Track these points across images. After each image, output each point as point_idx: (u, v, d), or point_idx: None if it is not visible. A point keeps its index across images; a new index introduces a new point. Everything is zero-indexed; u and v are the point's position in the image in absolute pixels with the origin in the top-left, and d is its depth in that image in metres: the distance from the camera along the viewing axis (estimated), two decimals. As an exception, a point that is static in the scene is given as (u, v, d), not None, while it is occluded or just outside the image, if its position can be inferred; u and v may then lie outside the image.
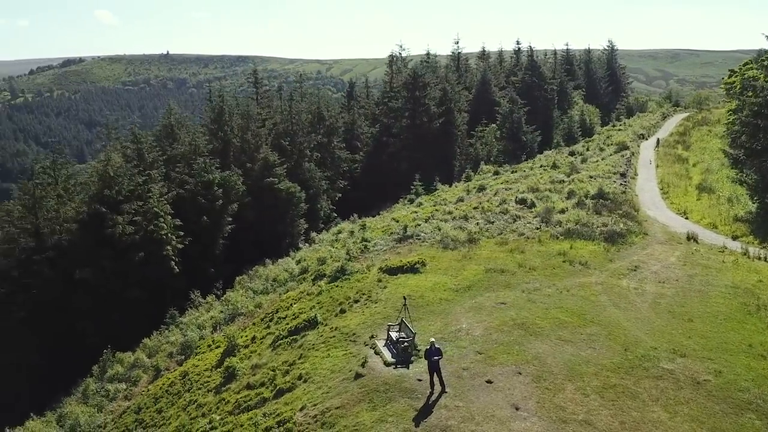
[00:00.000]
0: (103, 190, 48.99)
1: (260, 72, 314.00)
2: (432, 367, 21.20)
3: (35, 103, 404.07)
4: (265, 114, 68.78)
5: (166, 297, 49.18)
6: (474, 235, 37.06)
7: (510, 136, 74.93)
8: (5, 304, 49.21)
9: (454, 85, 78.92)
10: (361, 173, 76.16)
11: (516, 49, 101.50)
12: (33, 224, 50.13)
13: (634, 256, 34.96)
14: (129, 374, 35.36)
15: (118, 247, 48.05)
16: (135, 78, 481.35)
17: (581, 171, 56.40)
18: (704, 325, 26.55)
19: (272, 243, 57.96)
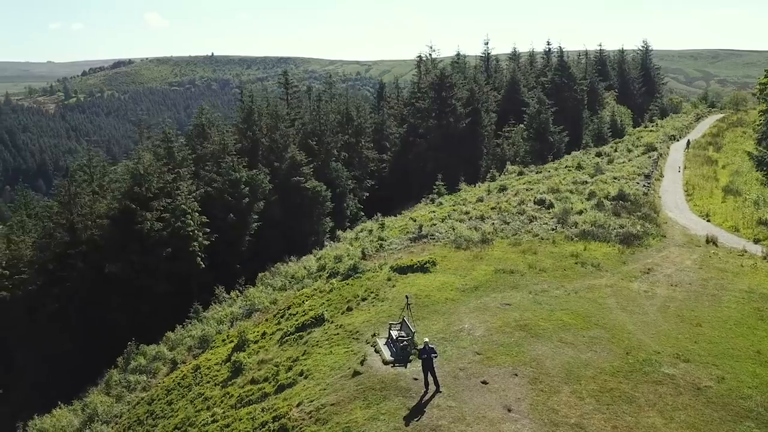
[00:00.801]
0: (134, 187, 49.93)
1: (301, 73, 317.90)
2: (426, 367, 20.99)
3: (87, 103, 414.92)
4: (294, 114, 69.20)
5: (193, 291, 49.91)
6: (487, 236, 36.61)
7: (537, 137, 73.87)
8: (41, 296, 50.61)
9: (483, 86, 78.20)
10: (389, 173, 76.08)
11: (546, 50, 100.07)
12: (68, 220, 51.40)
13: (648, 259, 34.09)
14: (150, 366, 35.87)
15: (146, 242, 48.95)
16: (181, 79, 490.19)
17: (606, 172, 55.37)
18: (713, 330, 25.71)
19: (298, 240, 58.29)
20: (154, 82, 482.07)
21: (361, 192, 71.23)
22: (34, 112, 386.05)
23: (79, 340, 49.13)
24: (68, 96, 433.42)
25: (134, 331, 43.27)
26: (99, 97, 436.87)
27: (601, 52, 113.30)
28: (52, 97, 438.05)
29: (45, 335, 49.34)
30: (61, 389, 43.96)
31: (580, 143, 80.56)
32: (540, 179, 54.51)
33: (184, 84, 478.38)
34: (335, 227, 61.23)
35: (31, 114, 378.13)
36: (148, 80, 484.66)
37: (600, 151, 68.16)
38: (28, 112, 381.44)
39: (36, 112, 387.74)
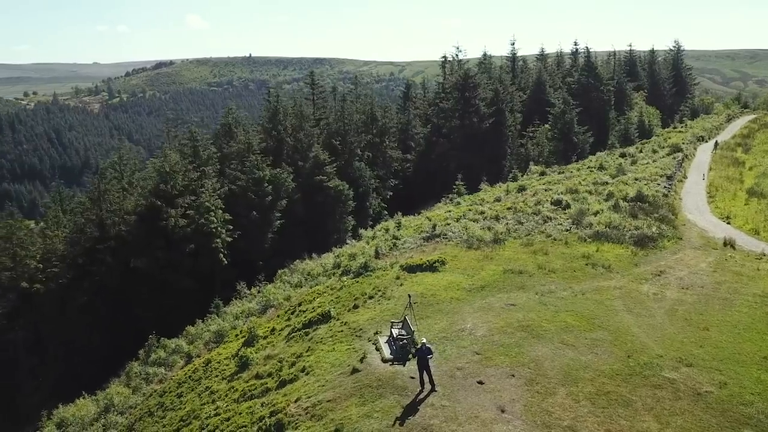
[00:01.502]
0: (160, 185, 50.72)
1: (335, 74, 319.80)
2: (421, 366, 20.83)
3: (129, 103, 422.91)
4: (319, 114, 69.48)
5: (216, 287, 50.51)
6: (500, 236, 36.20)
7: (561, 137, 72.81)
8: (71, 290, 51.79)
9: (507, 86, 77.40)
10: (413, 172, 75.84)
11: (574, 50, 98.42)
12: (98, 216, 52.49)
13: (661, 261, 33.30)
14: (168, 359, 36.37)
15: (171, 238, 49.66)
16: (219, 79, 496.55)
17: (628, 173, 54.30)
18: (720, 335, 24.99)
19: (321, 238, 58.50)
20: (194, 82, 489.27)
21: (384, 191, 71.18)
22: (80, 111, 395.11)
23: (106, 332, 50.10)
24: (112, 96, 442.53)
25: (158, 325, 43.90)
26: (141, 97, 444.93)
27: (631, 52, 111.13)
28: (96, 97, 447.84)
29: (75, 328, 50.48)
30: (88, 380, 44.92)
31: (606, 144, 79.12)
32: (560, 180, 53.72)
33: (223, 84, 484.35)
34: (357, 225, 61.31)
35: (77, 113, 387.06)
36: (188, 80, 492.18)
37: (624, 151, 66.82)
38: (74, 112, 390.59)
39: (81, 111, 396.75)
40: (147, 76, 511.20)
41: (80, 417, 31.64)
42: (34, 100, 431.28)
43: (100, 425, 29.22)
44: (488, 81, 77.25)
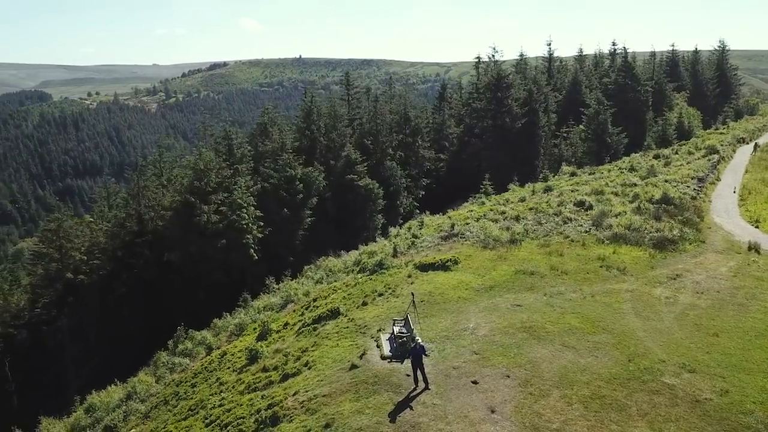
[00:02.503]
0: (194, 181, 51.71)
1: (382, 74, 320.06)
2: (415, 364, 20.66)
3: (185, 103, 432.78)
4: (353, 114, 69.71)
5: (247, 281, 51.24)
6: (517, 236, 35.61)
7: (595, 138, 71.16)
8: (111, 281, 53.35)
9: (542, 87, 76.05)
10: (446, 172, 75.38)
11: (612, 51, 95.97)
12: (137, 211, 53.93)
13: (679, 265, 32.18)
14: (193, 350, 37.05)
15: (204, 233, 50.59)
16: (270, 80, 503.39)
17: (659, 174, 52.73)
18: (730, 341, 24.00)
19: (351, 236, 58.71)
20: (246, 83, 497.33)
21: (417, 190, 70.97)
22: (138, 110, 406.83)
23: (142, 323, 51.39)
24: (168, 96, 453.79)
25: (191, 317, 44.83)
26: (196, 97, 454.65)
27: (673, 52, 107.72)
28: (154, 97, 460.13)
29: (113, 318, 51.97)
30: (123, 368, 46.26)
31: (642, 145, 76.94)
32: (588, 180, 52.56)
33: (273, 85, 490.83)
34: (387, 224, 61.32)
35: (136, 113, 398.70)
36: (241, 81, 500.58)
37: (659, 153, 64.88)
38: (133, 111, 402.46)
39: (140, 110, 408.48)
40: (202, 77, 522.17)
41: (106, 403, 32.52)
42: (96, 100, 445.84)
43: (122, 411, 29.93)
44: (523, 81, 76.08)
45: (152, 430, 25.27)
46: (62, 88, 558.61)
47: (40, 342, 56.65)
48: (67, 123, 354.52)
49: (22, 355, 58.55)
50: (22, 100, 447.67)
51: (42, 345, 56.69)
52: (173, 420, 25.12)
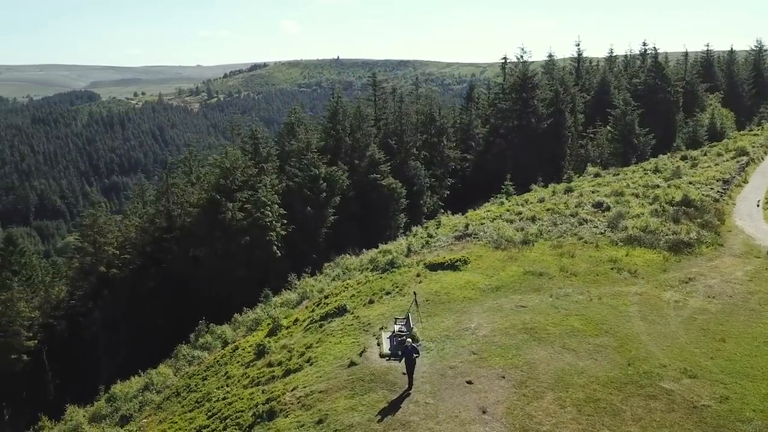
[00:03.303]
0: (220, 179, 52.40)
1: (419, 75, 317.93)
2: (408, 365, 20.48)
3: (226, 103, 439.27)
4: (379, 114, 69.68)
5: (270, 277, 51.68)
6: (530, 237, 35.11)
7: (622, 139, 69.68)
8: (140, 275, 54.49)
9: (569, 87, 74.75)
10: (472, 172, 74.73)
11: (642, 51, 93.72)
12: (165, 207, 54.95)
13: (693, 268, 31.26)
14: (211, 344, 37.57)
15: (229, 230, 51.22)
16: (309, 81, 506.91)
17: (684, 176, 51.32)
18: (736, 347, 23.23)
19: (374, 234, 58.68)
20: (285, 83, 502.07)
21: (441, 190, 70.52)
22: (181, 110, 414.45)
23: (169, 317, 52.34)
24: (210, 96, 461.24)
25: (215, 311, 45.48)
26: (237, 97, 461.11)
27: (708, 52, 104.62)
28: (197, 97, 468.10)
29: (142, 311, 53.06)
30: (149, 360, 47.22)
31: (672, 146, 74.93)
32: (611, 182, 51.44)
33: (311, 86, 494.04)
34: (410, 223, 61.11)
35: (179, 112, 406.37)
36: (280, 82, 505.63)
37: (686, 154, 63.06)
38: (176, 111, 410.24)
39: (183, 110, 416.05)
40: (243, 78, 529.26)
41: (125, 393, 33.23)
42: (142, 100, 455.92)
43: (138, 402, 30.54)
44: (550, 82, 74.95)
45: (161, 420, 25.71)
46: (111, 89, 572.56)
47: (77, 333, 58.37)
48: (113, 122, 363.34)
49: (61, 345, 60.43)
50: (73, 100, 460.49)
51: (78, 336, 58.41)
52: (180, 411, 25.52)
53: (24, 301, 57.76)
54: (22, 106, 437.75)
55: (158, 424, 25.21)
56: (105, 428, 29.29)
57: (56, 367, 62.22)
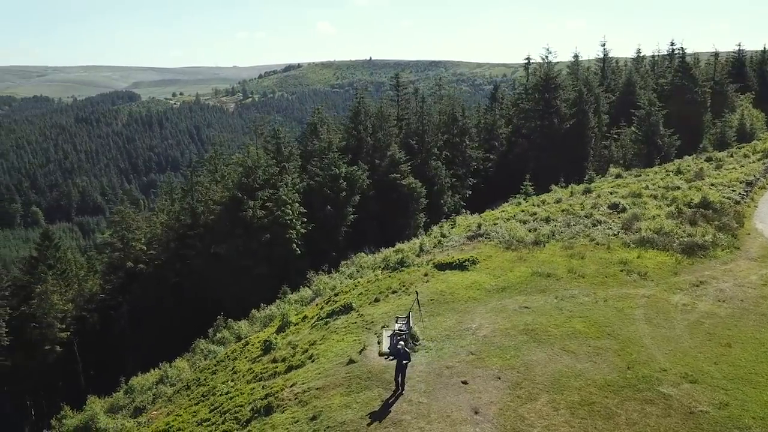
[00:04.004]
0: (242, 178, 52.92)
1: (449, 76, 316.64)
2: (398, 368, 20.19)
3: (260, 103, 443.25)
4: (402, 114, 69.51)
5: (290, 274, 52.01)
6: (541, 238, 34.60)
7: (645, 140, 68.15)
8: (164, 270, 55.43)
9: (594, 88, 73.43)
10: (494, 171, 74.03)
11: (670, 51, 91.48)
12: (190, 205, 55.73)
13: (706, 271, 30.40)
14: (227, 339, 37.95)
15: (250, 228, 51.70)
16: (341, 81, 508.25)
17: (706, 178, 50.01)
18: (742, 352, 22.52)
19: (393, 233, 58.59)
20: (319, 84, 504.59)
21: (463, 190, 70.02)
22: (217, 110, 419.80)
23: (192, 311, 53.03)
24: (245, 96, 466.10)
25: (236, 307, 45.96)
26: (271, 97, 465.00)
27: (739, 52, 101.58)
28: (233, 97, 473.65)
29: (166, 305, 53.94)
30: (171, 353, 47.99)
31: (698, 148, 73.06)
32: (631, 183, 50.40)
33: (344, 86, 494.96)
34: (430, 222, 60.86)
35: (215, 112, 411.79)
36: (313, 82, 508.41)
37: (711, 156, 61.40)
38: (212, 110, 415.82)
39: (219, 110, 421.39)
40: (277, 78, 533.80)
41: (141, 385, 33.83)
42: (180, 100, 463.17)
43: (152, 394, 31.04)
44: (574, 82, 73.76)
45: (169, 412, 26.06)
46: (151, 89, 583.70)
47: (108, 325, 59.71)
48: (152, 121, 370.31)
49: (93, 337, 61.90)
50: (114, 100, 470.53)
51: (109, 328, 59.74)
52: (187, 404, 25.83)
53: (58, 294, 59.29)
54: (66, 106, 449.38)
55: (166, 416, 25.55)
56: (119, 419, 29.88)
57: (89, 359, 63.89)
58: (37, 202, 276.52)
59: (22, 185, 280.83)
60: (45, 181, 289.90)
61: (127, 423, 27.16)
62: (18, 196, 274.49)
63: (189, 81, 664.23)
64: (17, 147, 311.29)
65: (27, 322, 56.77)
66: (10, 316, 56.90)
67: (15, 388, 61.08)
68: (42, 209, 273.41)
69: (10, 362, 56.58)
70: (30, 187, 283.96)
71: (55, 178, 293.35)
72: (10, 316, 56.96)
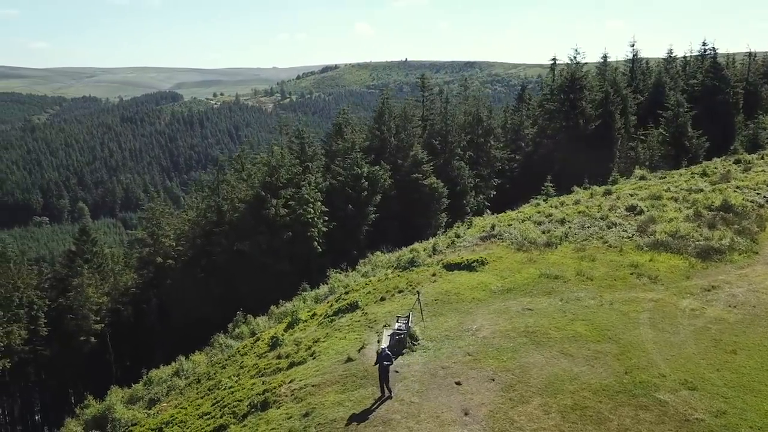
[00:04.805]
0: (266, 177, 53.44)
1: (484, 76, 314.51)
2: (381, 372, 19.89)
3: (298, 103, 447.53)
4: (426, 115, 69.19)
5: (312, 272, 52.33)
6: (554, 239, 33.98)
7: (673, 141, 66.35)
8: (190, 266, 56.35)
9: (621, 88, 71.79)
10: (520, 172, 73.10)
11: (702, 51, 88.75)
12: (216, 203, 56.52)
13: (720, 276, 29.43)
14: (243, 334, 38.35)
15: (273, 226, 52.18)
16: (377, 82, 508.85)
17: (732, 180, 48.44)
18: (748, 360, 21.72)
19: (415, 233, 58.39)
20: (355, 84, 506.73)
21: (488, 190, 69.36)
22: (256, 110, 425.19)
23: (216, 306, 53.76)
24: (283, 96, 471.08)
25: (259, 302, 46.43)
26: (308, 98, 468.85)
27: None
28: (271, 97, 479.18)
29: (192, 300, 54.78)
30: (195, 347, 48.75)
31: (728, 150, 70.80)
32: (653, 185, 49.10)
33: (379, 87, 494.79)
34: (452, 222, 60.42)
35: (253, 112, 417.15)
36: (350, 83, 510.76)
37: (740, 158, 59.38)
38: (251, 110, 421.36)
39: (257, 110, 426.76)
40: (314, 79, 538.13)
41: (158, 377, 34.44)
42: (220, 100, 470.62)
43: (166, 386, 31.57)
44: (601, 83, 72.27)
45: (177, 405, 26.44)
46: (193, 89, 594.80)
47: (141, 318, 61.16)
48: (193, 121, 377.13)
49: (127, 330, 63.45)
50: (158, 100, 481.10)
51: (141, 321, 61.19)
52: (194, 397, 26.18)
53: (93, 287, 60.90)
54: (113, 106, 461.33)
55: (173, 409, 25.92)
56: (135, 410, 30.47)
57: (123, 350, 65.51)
58: (84, 198, 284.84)
59: (69, 182, 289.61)
60: (91, 178, 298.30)
61: (138, 414, 27.64)
62: (66, 192, 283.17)
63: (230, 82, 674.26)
64: (66, 145, 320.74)
65: (64, 313, 58.58)
66: (48, 307, 58.77)
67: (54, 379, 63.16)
68: (88, 205, 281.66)
69: (49, 352, 58.48)
70: (77, 183, 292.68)
71: (100, 176, 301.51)
72: (49, 307, 58.83)
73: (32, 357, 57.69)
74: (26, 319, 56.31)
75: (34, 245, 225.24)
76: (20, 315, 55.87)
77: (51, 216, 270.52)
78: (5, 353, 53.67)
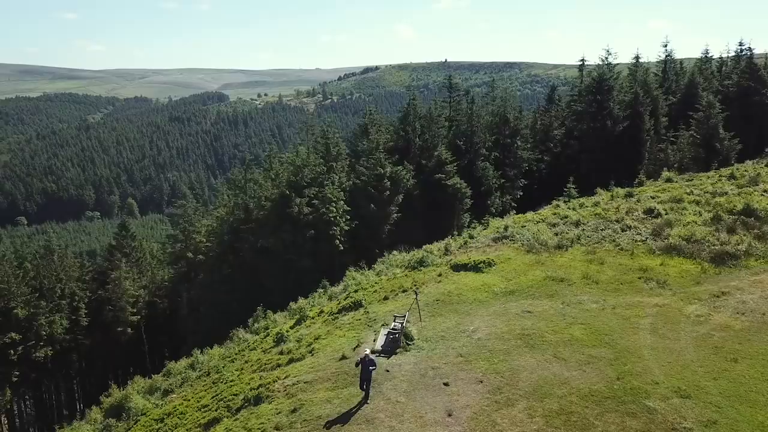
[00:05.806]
0: (291, 176, 53.89)
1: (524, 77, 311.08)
2: (363, 375, 19.70)
3: (338, 104, 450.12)
4: (453, 115, 68.63)
5: (334, 269, 52.57)
6: (565, 242, 33.28)
7: (703, 143, 64.06)
8: (218, 262, 57.30)
9: (651, 89, 69.72)
10: (547, 173, 71.83)
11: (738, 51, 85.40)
12: (243, 201, 57.31)
13: (732, 282, 28.29)
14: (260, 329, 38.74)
15: (296, 224, 52.59)
16: (417, 83, 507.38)
17: (761, 183, 46.58)
18: (749, 369, 20.84)
19: (438, 233, 58.05)
20: (395, 86, 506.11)
21: (514, 191, 68.36)
22: (298, 110, 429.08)
23: (242, 301, 54.55)
24: (325, 97, 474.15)
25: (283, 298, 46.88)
26: (349, 98, 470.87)
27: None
28: (313, 98, 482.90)
29: (219, 294, 55.73)
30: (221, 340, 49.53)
31: (763, 152, 67.99)
32: (677, 187, 47.59)
33: (419, 88, 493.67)
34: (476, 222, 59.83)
35: (295, 112, 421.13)
36: (390, 84, 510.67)
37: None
38: (293, 111, 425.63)
39: (299, 110, 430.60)
40: (355, 80, 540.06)
41: (176, 369, 35.10)
42: (264, 100, 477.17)
43: (180, 378, 32.15)
44: (631, 84, 70.34)
45: (183, 395, 26.90)
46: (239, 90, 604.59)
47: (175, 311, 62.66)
48: (238, 121, 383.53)
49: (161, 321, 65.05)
50: (205, 101, 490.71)
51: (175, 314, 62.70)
52: (199, 390, 26.60)
53: (130, 280, 62.72)
54: (162, 106, 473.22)
55: (180, 400, 26.38)
56: (151, 400, 31.15)
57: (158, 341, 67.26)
58: (133, 195, 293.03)
59: (120, 179, 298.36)
60: (140, 175, 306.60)
61: (149, 404, 28.23)
62: (116, 188, 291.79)
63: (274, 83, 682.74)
64: (117, 143, 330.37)
65: (103, 304, 60.47)
66: (89, 298, 60.73)
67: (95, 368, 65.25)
68: (137, 201, 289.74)
69: (89, 341, 60.44)
70: (127, 180, 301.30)
71: (149, 173, 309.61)
72: (89, 298, 60.79)
73: (74, 346, 59.57)
74: (68, 309, 58.24)
75: (86, 239, 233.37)
76: (62, 305, 57.79)
77: (102, 211, 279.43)
78: (48, 341, 55.62)
